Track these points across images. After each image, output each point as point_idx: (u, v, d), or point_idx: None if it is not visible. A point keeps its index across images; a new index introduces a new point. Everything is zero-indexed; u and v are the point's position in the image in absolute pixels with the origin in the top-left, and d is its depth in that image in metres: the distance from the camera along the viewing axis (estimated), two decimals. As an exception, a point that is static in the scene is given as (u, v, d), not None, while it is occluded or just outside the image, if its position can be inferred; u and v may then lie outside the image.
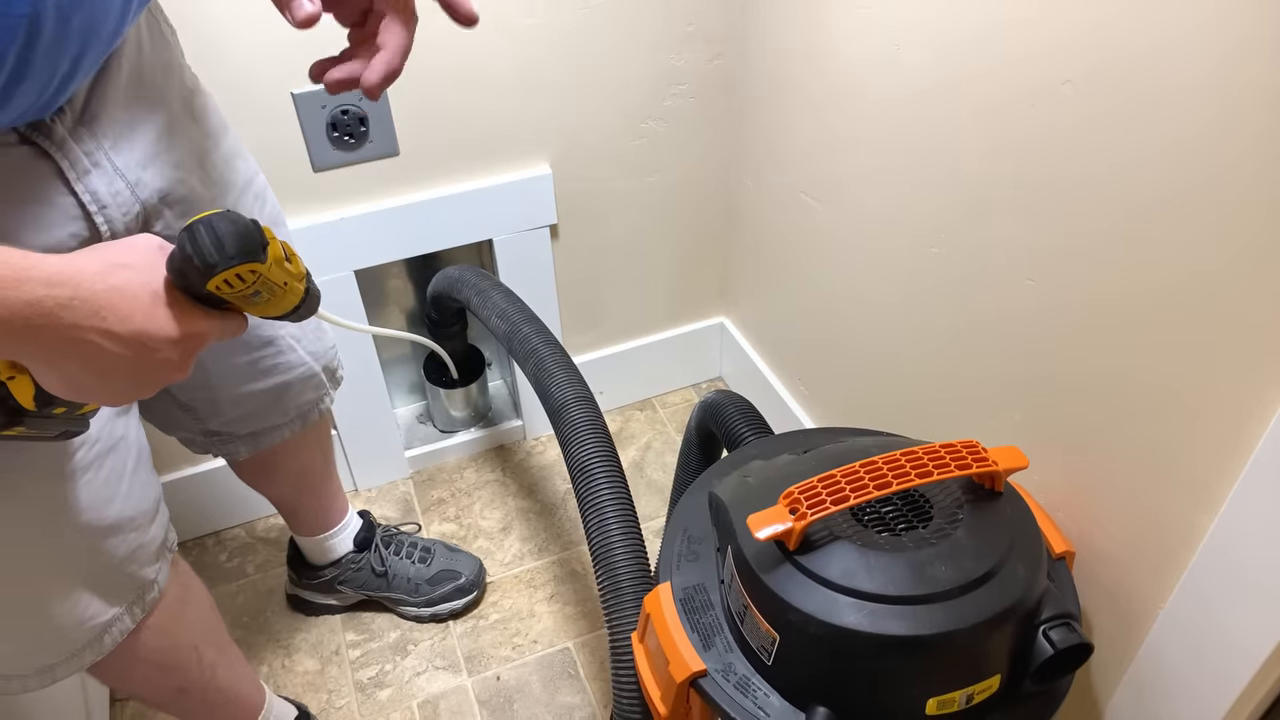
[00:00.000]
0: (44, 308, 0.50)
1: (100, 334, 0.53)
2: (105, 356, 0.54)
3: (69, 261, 0.52)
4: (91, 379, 0.56)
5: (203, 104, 0.81)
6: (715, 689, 0.75)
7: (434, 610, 1.36)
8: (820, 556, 0.71)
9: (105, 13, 0.59)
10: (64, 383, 0.55)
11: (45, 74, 0.57)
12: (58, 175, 0.64)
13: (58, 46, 0.56)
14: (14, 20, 0.51)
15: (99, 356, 0.54)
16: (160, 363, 0.57)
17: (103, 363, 0.54)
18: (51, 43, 0.55)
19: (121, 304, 0.54)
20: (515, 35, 1.23)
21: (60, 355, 0.53)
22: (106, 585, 0.78)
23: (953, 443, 0.75)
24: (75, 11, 0.55)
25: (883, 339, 1.20)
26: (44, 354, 0.53)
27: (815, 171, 1.24)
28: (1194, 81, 0.67)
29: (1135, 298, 0.77)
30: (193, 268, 0.56)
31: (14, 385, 0.57)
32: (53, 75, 0.58)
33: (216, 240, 0.56)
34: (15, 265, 0.49)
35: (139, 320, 0.54)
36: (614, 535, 0.93)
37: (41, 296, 0.49)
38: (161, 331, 0.56)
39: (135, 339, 0.55)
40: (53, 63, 0.57)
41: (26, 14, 0.51)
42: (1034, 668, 0.72)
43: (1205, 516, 0.75)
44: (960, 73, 0.91)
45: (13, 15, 0.51)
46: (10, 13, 0.50)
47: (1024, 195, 0.87)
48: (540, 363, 1.10)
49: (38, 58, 0.55)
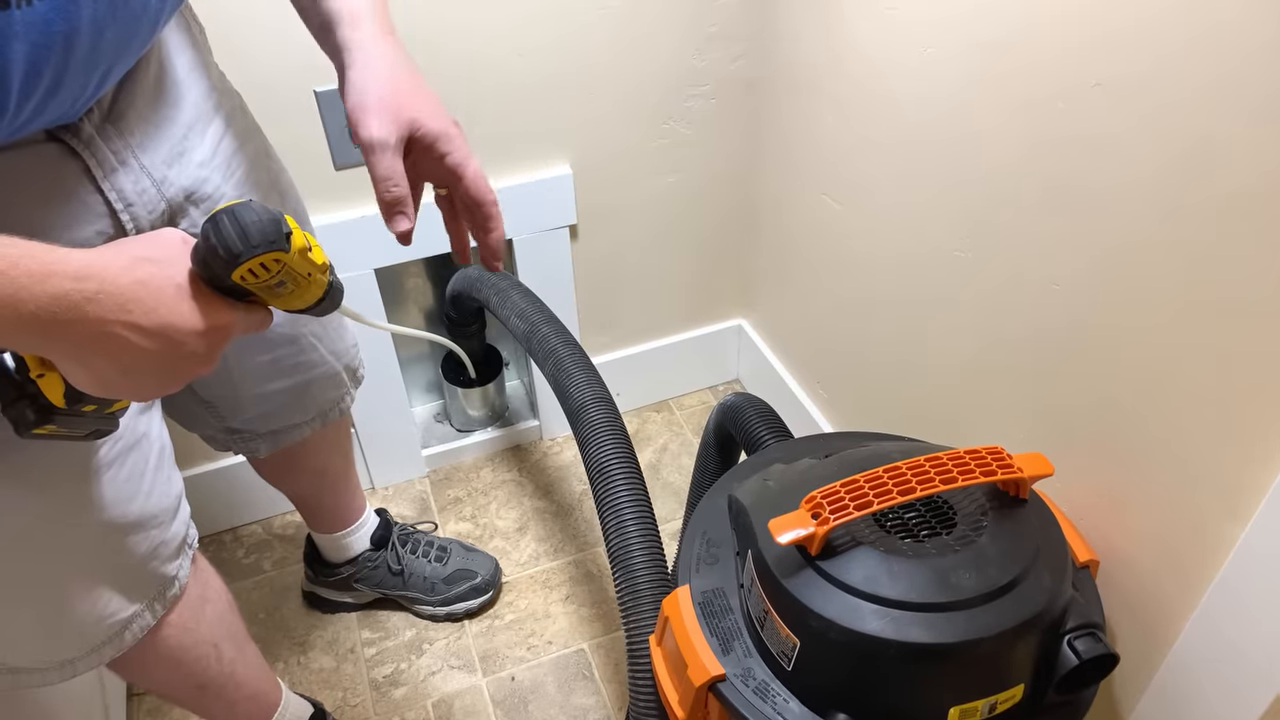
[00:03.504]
0: (70, 301, 0.50)
1: (126, 327, 0.53)
2: (132, 350, 0.54)
3: (95, 255, 0.52)
4: (118, 374, 0.56)
5: (229, 102, 0.81)
6: (734, 694, 0.74)
7: (449, 609, 1.36)
8: (842, 562, 0.70)
9: (138, 24, 0.60)
10: (91, 378, 0.55)
11: (79, 85, 0.58)
12: (85, 174, 0.64)
13: (92, 59, 0.57)
14: (51, 37, 0.52)
15: (125, 350, 0.54)
16: (186, 356, 0.57)
17: (129, 357, 0.54)
18: (86, 56, 0.56)
19: (147, 297, 0.54)
20: (536, 35, 1.23)
21: (87, 350, 0.53)
22: (128, 581, 0.78)
23: (977, 448, 0.74)
24: (110, 25, 0.56)
25: (904, 343, 1.19)
26: (71, 349, 0.53)
27: (837, 173, 1.24)
28: (1224, 82, 0.66)
29: (1164, 303, 0.76)
30: (217, 258, 0.56)
31: (44, 383, 0.57)
32: (85, 85, 0.58)
33: (240, 229, 0.56)
34: (41, 259, 0.49)
35: (164, 313, 0.55)
36: (632, 537, 0.92)
37: (68, 290, 0.50)
38: (187, 324, 0.56)
39: (161, 332, 0.55)
40: (86, 74, 0.57)
41: (63, 31, 0.52)
42: (1058, 678, 0.71)
43: (1235, 526, 0.73)
44: (988, 74, 0.90)
45: (51, 33, 0.51)
46: (49, 30, 0.51)
47: (1051, 198, 0.86)
48: (559, 363, 1.10)
49: (72, 71, 0.55)
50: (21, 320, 0.49)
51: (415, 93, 0.68)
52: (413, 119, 0.67)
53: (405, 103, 0.67)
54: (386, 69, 0.68)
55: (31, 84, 0.53)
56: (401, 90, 0.67)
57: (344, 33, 0.69)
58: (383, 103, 0.67)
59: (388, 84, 0.67)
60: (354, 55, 0.68)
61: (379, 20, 0.70)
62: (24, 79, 0.52)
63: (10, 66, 0.51)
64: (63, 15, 0.52)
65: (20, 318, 0.48)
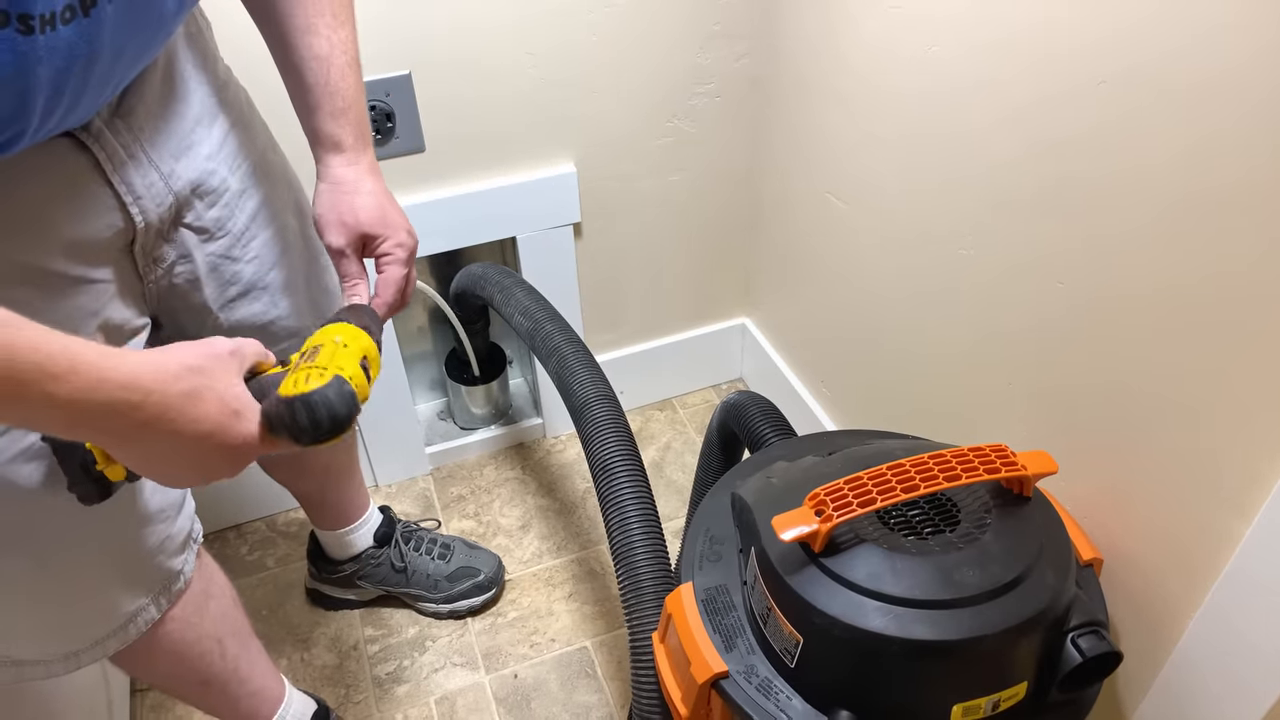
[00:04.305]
0: (118, 410, 0.52)
1: (168, 434, 0.56)
2: (172, 451, 0.57)
3: (144, 363, 0.54)
4: (157, 465, 0.59)
5: (235, 97, 0.82)
6: (737, 690, 0.74)
7: (453, 607, 1.36)
8: (846, 559, 0.70)
9: (154, 37, 0.62)
10: (135, 463, 0.59)
11: (95, 98, 0.60)
12: (95, 167, 0.65)
13: (110, 75, 0.59)
14: (74, 60, 0.53)
15: (166, 450, 0.57)
16: (219, 464, 0.60)
17: (167, 455, 0.58)
18: (105, 73, 0.58)
19: (191, 410, 0.56)
20: (542, 33, 1.23)
21: (132, 442, 0.56)
22: (134, 575, 0.79)
23: (981, 446, 0.74)
24: (129, 43, 0.58)
25: (909, 341, 1.19)
26: (117, 441, 0.56)
27: (841, 171, 1.24)
28: (1228, 77, 0.66)
29: (1168, 300, 0.76)
30: (283, 433, 0.60)
31: (109, 471, 0.62)
32: (101, 96, 0.60)
33: (313, 422, 0.60)
34: (93, 367, 0.50)
35: (206, 427, 0.57)
36: (635, 534, 0.92)
37: (117, 400, 0.52)
38: (227, 441, 0.58)
39: (200, 442, 0.57)
40: (103, 88, 0.60)
41: (85, 54, 0.54)
42: (1062, 675, 0.71)
43: (1241, 522, 0.73)
44: (994, 71, 0.90)
45: (74, 56, 0.53)
46: (72, 54, 0.53)
47: (1057, 195, 0.86)
48: (563, 360, 1.10)
49: (91, 88, 0.57)
50: (74, 422, 0.52)
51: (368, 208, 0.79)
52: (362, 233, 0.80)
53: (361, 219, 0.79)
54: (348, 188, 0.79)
55: (52, 104, 0.55)
56: (357, 206, 0.79)
57: (318, 152, 0.80)
58: (340, 218, 0.79)
59: (344, 201, 0.79)
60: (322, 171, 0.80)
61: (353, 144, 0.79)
62: (46, 100, 0.54)
63: (34, 90, 0.52)
64: (86, 39, 0.53)
65: (73, 420, 0.52)
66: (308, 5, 0.74)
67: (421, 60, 1.20)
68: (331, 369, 0.63)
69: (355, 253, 0.80)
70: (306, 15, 0.74)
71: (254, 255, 0.83)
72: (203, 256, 0.78)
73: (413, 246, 0.82)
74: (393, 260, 0.80)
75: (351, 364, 0.65)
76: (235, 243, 0.80)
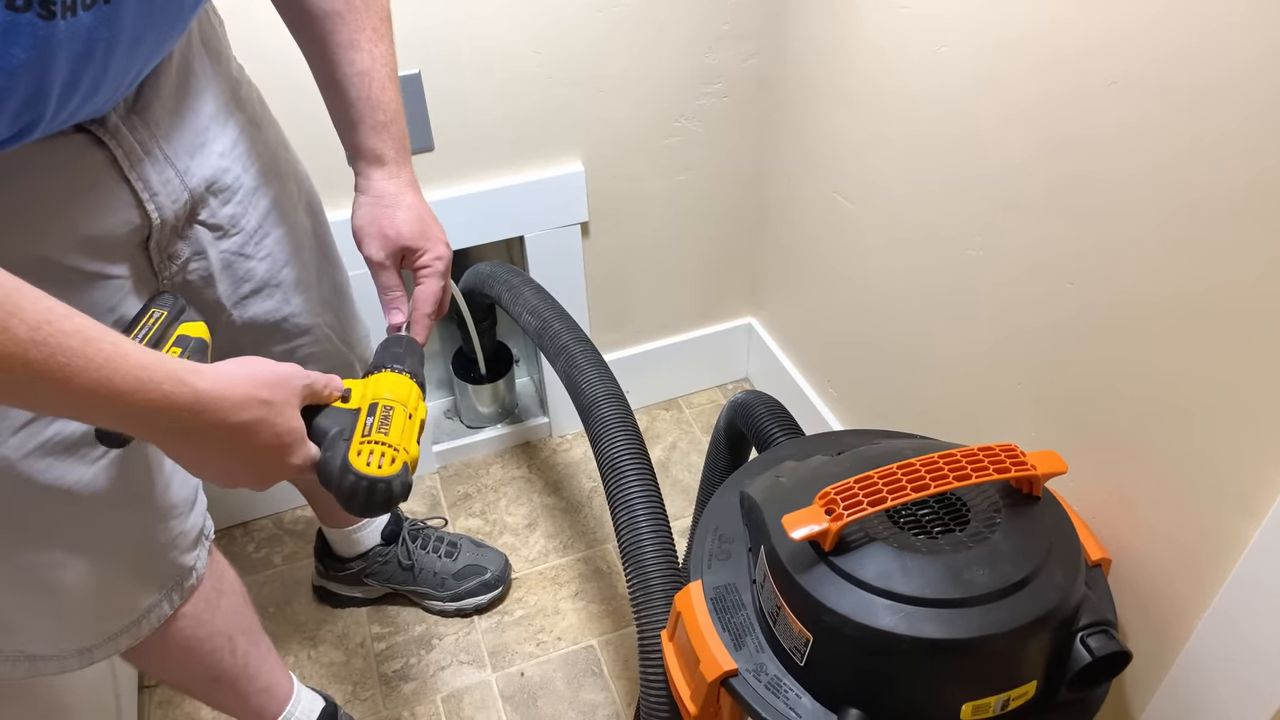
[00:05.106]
0: (180, 426, 0.56)
1: (214, 447, 0.59)
2: (208, 456, 0.61)
3: (212, 388, 0.56)
4: (189, 460, 0.61)
5: (248, 95, 0.82)
6: (746, 689, 0.74)
7: (459, 605, 1.37)
8: (856, 558, 0.70)
9: (173, 25, 0.62)
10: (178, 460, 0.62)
11: (113, 87, 0.60)
12: (111, 163, 0.65)
13: (128, 63, 0.59)
14: (93, 46, 0.54)
15: (203, 454, 0.60)
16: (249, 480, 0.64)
17: (204, 458, 0.61)
18: (124, 61, 0.58)
19: (246, 439, 0.59)
20: (549, 33, 1.23)
21: (181, 447, 0.59)
22: (147, 571, 0.79)
23: (991, 446, 0.74)
24: (147, 30, 0.58)
25: (916, 342, 1.19)
26: (170, 446, 0.59)
27: (849, 171, 1.24)
28: (1237, 77, 0.66)
29: (1177, 302, 0.76)
30: (335, 493, 0.64)
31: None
32: (119, 86, 0.61)
33: (371, 503, 0.64)
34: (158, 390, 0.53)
35: (253, 456, 0.60)
36: (644, 532, 0.92)
37: (185, 420, 0.55)
38: (267, 468, 0.62)
39: (242, 460, 0.61)
40: (121, 76, 0.60)
41: (104, 39, 0.54)
42: (1071, 675, 0.71)
43: (1250, 523, 0.73)
44: (1002, 71, 0.90)
45: (93, 42, 0.53)
46: (91, 40, 0.53)
47: (1066, 196, 0.86)
48: (571, 359, 1.10)
49: (110, 76, 0.57)
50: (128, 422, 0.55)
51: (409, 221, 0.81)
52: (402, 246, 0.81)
53: (403, 232, 0.81)
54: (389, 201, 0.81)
55: (70, 90, 0.55)
56: (399, 220, 0.80)
57: (359, 166, 0.82)
58: (381, 230, 0.80)
59: (385, 214, 0.80)
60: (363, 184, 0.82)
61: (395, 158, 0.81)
62: (64, 86, 0.54)
63: (52, 76, 0.52)
64: (105, 25, 0.53)
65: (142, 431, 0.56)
66: (350, 22, 0.75)
67: (431, 59, 1.20)
68: (402, 454, 0.66)
69: (394, 265, 0.82)
70: (349, 32, 0.75)
71: (267, 253, 0.83)
72: (216, 253, 0.78)
73: (449, 259, 0.84)
74: (431, 273, 0.82)
75: (415, 444, 0.69)
76: (248, 240, 0.81)
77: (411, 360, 0.76)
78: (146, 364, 0.52)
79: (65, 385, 0.49)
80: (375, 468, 0.64)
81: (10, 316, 0.46)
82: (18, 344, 0.46)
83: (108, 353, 0.50)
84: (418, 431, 0.71)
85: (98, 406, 0.51)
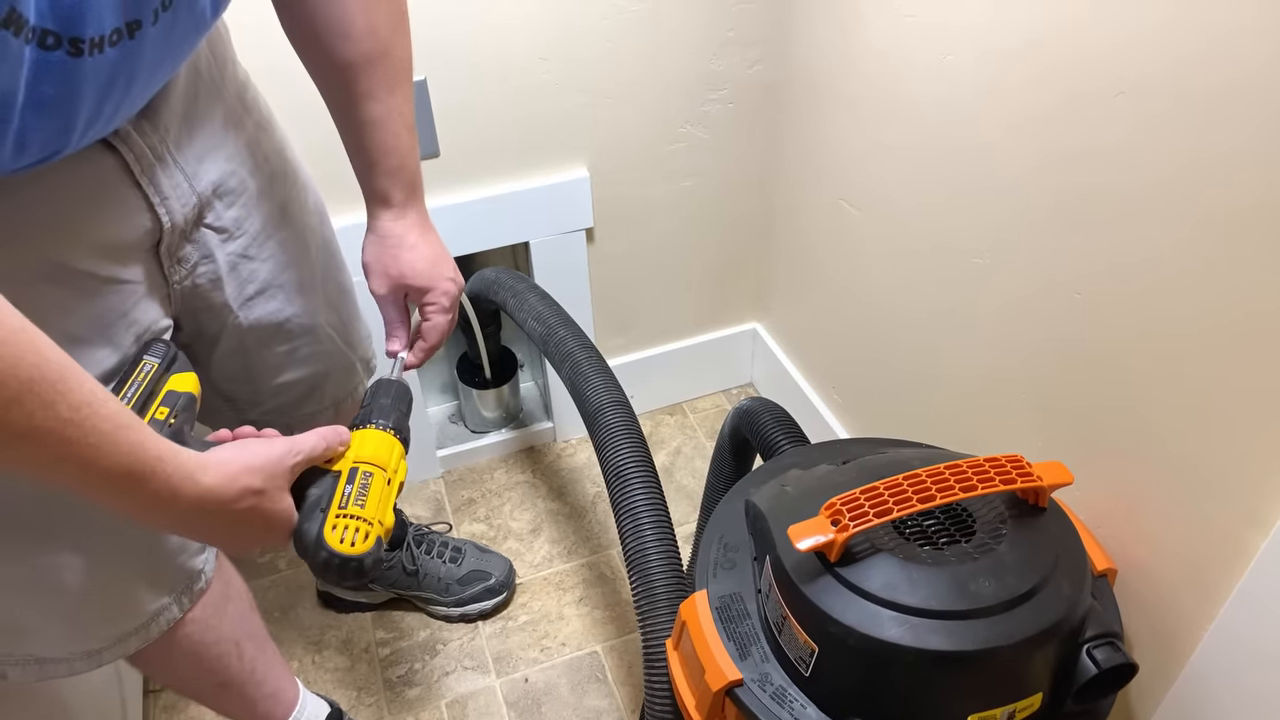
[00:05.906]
0: (180, 516, 0.59)
1: (214, 537, 0.66)
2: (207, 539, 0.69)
3: (217, 482, 0.59)
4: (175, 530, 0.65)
5: (254, 99, 0.83)
6: (751, 699, 0.74)
7: (463, 610, 1.37)
8: (861, 569, 0.70)
9: (188, 47, 0.64)
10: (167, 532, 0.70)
11: (131, 109, 0.62)
12: (123, 169, 0.66)
13: (147, 88, 0.61)
14: (116, 78, 0.55)
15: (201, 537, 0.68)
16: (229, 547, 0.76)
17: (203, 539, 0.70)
18: (143, 88, 0.60)
19: (238, 525, 0.63)
20: (555, 39, 1.23)
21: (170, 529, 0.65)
22: (157, 574, 0.80)
23: (997, 456, 0.74)
24: (166, 58, 0.60)
25: (922, 349, 1.19)
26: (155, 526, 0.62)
27: (854, 178, 1.24)
28: (1248, 82, 0.66)
29: (1186, 313, 0.76)
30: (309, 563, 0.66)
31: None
32: (136, 106, 0.63)
33: (342, 575, 0.66)
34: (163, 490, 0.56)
35: (240, 537, 0.64)
36: (649, 542, 0.92)
37: (184, 509, 0.58)
38: (250, 542, 0.66)
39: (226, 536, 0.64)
40: (139, 100, 0.62)
41: (127, 72, 0.56)
42: (1077, 686, 0.71)
43: (1257, 535, 0.73)
44: (1010, 79, 0.90)
45: (116, 74, 0.55)
46: (115, 74, 0.55)
47: (1074, 206, 0.86)
48: (576, 366, 1.10)
49: (129, 101, 0.60)
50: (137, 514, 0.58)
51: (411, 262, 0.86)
52: (405, 285, 0.86)
53: (405, 272, 0.86)
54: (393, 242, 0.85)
55: (94, 119, 0.56)
56: (401, 261, 0.85)
57: (370, 205, 0.86)
58: (385, 269, 0.86)
59: (389, 254, 0.85)
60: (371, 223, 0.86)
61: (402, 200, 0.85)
62: (89, 117, 0.55)
63: (79, 108, 0.54)
64: (128, 59, 0.55)
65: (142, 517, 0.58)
66: (369, 74, 0.78)
67: (437, 66, 1.20)
68: (375, 528, 0.68)
69: (396, 301, 0.87)
70: (368, 83, 0.78)
71: (270, 255, 0.84)
72: (223, 256, 0.79)
73: (455, 294, 0.88)
74: (435, 310, 0.87)
75: (390, 513, 0.71)
76: (252, 242, 0.82)
77: (398, 413, 0.80)
78: (164, 456, 0.55)
79: (89, 466, 0.51)
80: (348, 545, 0.66)
81: (60, 396, 0.48)
82: (58, 422, 0.48)
83: (132, 440, 0.53)
84: (396, 494, 0.73)
85: (109, 492, 0.54)
